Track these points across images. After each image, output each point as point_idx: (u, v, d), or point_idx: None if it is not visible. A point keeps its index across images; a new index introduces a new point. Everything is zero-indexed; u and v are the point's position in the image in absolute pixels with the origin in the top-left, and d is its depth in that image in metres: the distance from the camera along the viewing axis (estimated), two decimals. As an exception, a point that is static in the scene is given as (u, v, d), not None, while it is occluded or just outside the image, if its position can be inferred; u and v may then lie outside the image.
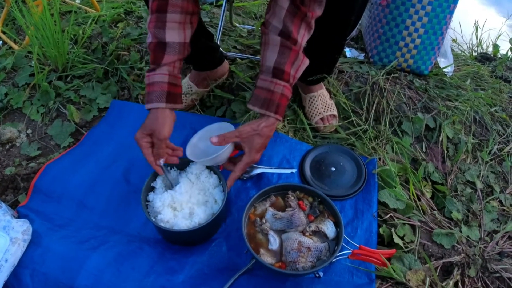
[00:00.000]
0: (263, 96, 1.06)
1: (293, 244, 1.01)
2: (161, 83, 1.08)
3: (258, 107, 1.07)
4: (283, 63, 1.03)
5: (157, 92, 1.08)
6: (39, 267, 1.07)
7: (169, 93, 1.09)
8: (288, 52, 1.03)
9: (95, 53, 1.85)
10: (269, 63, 1.04)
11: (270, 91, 1.05)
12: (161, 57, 1.08)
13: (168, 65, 1.09)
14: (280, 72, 1.04)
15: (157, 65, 1.09)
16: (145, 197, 1.17)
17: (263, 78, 1.06)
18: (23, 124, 1.62)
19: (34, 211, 1.24)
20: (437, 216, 1.35)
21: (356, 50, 1.97)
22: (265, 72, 1.06)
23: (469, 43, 2.80)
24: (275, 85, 1.05)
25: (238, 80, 1.64)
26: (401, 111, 1.62)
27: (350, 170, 1.38)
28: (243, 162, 1.09)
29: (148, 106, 1.10)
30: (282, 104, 1.07)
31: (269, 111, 1.06)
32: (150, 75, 1.10)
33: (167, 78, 1.09)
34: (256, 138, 1.07)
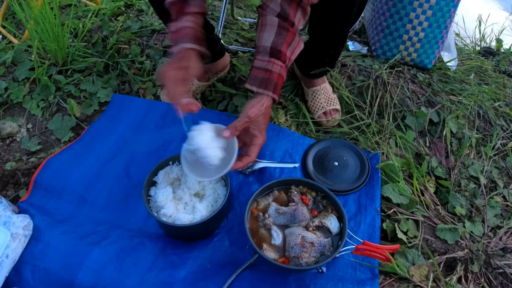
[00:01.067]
0: (260, 76, 1.04)
1: (296, 239, 1.01)
2: (187, 27, 1.04)
3: (256, 86, 1.05)
4: (280, 43, 1.03)
5: (183, 34, 1.03)
6: (40, 262, 1.07)
7: (196, 36, 1.05)
8: (285, 33, 1.03)
9: (95, 47, 1.83)
10: (266, 43, 1.03)
11: (268, 70, 1.04)
12: (184, 7, 1.05)
13: (191, 15, 1.06)
14: (277, 52, 1.03)
15: (181, 14, 1.05)
16: (146, 192, 1.16)
17: (260, 58, 1.05)
18: (23, 118, 1.60)
19: (34, 206, 1.23)
20: (441, 211, 1.34)
21: (359, 43, 1.95)
22: (262, 52, 1.05)
23: (472, 37, 2.77)
24: (273, 64, 1.04)
25: (239, 73, 1.63)
26: (405, 105, 1.60)
27: (353, 164, 1.37)
28: (256, 145, 1.05)
29: (174, 48, 1.03)
30: (279, 84, 1.06)
31: (267, 90, 1.04)
32: (173, 24, 1.05)
33: (192, 24, 1.05)
34: (262, 118, 1.05)
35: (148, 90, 1.65)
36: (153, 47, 1.78)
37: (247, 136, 1.06)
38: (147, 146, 1.40)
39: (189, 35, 1.04)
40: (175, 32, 1.06)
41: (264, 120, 1.06)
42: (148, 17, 1.94)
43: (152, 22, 1.90)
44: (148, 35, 1.84)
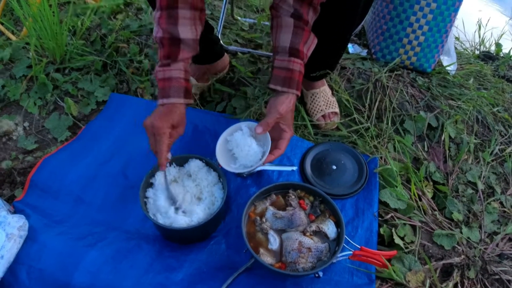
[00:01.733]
0: (283, 76, 1.10)
1: (294, 244, 1.00)
2: (178, 78, 1.08)
3: (280, 86, 1.11)
4: (297, 43, 1.08)
5: (175, 87, 1.07)
6: (35, 263, 1.06)
7: (186, 90, 1.10)
8: (301, 33, 1.08)
9: (94, 45, 1.81)
10: (284, 43, 1.08)
11: (289, 69, 1.10)
12: (177, 52, 1.07)
13: (183, 61, 1.09)
14: (296, 51, 1.09)
15: (173, 60, 1.07)
16: (143, 194, 1.15)
17: (280, 59, 1.10)
18: (20, 116, 1.59)
19: (30, 206, 1.22)
20: (438, 216, 1.34)
21: (358, 46, 1.94)
22: (281, 52, 1.10)
23: (471, 41, 2.77)
24: (293, 63, 1.09)
25: (239, 74, 1.62)
26: (404, 110, 1.60)
27: (351, 168, 1.37)
28: (286, 139, 1.14)
29: (165, 101, 1.07)
30: (300, 81, 1.13)
31: (291, 89, 1.11)
32: (166, 70, 1.08)
33: (183, 74, 1.09)
34: (290, 114, 1.14)
35: (146, 90, 1.64)
36: (152, 47, 1.77)
37: (275, 132, 1.14)
38: (144, 147, 1.37)
39: (181, 89, 1.08)
40: (165, 80, 1.08)
41: (291, 115, 1.15)
42: (147, 16, 1.93)
43: (151, 21, 1.88)
44: (147, 34, 1.83)
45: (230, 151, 1.20)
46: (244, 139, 1.16)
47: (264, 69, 1.67)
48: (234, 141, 1.18)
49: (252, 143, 1.16)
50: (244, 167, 1.16)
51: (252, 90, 1.55)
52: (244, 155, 1.15)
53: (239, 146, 1.16)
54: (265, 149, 1.14)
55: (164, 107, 1.07)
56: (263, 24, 1.94)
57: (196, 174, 1.20)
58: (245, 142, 1.15)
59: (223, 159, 1.17)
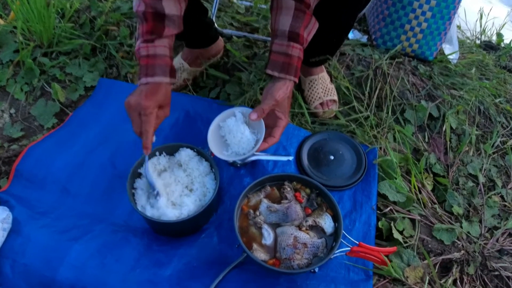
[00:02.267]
0: (281, 61, 1.05)
1: (288, 239, 0.95)
2: (163, 56, 1.01)
3: (277, 72, 1.06)
4: (297, 27, 1.02)
5: (161, 65, 1.00)
6: (19, 258, 1.02)
7: (172, 68, 1.03)
8: (302, 16, 1.02)
9: (83, 28, 1.74)
10: (284, 27, 1.02)
11: (288, 55, 1.04)
12: (161, 29, 1.00)
13: (168, 38, 1.02)
14: (295, 35, 1.03)
15: (157, 36, 1.00)
16: (131, 184, 1.09)
17: (279, 43, 1.04)
18: (7, 103, 1.52)
19: (15, 197, 1.17)
20: (438, 210, 1.30)
21: (358, 32, 1.88)
22: (280, 36, 1.04)
23: (473, 30, 2.72)
24: (292, 48, 1.04)
25: (233, 59, 1.56)
26: (405, 98, 1.54)
27: (350, 159, 1.32)
28: (281, 127, 1.10)
29: (149, 79, 1.00)
30: (298, 67, 1.08)
31: (289, 75, 1.06)
32: (150, 46, 1.00)
33: (169, 52, 1.03)
34: (286, 101, 1.10)
35: (137, 75, 1.56)
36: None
37: (270, 119, 1.10)
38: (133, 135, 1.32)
39: (166, 67, 1.01)
40: (149, 58, 1.00)
41: (287, 103, 1.11)
42: (139, -4, 1.84)
43: (143, 3, 1.80)
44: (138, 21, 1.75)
45: (223, 138, 1.15)
46: (237, 125, 1.11)
47: (260, 54, 1.60)
48: (227, 127, 1.13)
49: (246, 130, 1.11)
50: (237, 154, 1.11)
51: (247, 76, 1.49)
52: (237, 142, 1.11)
53: (232, 132, 1.11)
54: (259, 136, 1.09)
55: (148, 86, 1.00)
56: (259, 7, 1.86)
57: (187, 164, 1.14)
58: (238, 129, 1.10)
59: (215, 146, 1.13)
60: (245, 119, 1.13)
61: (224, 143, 1.14)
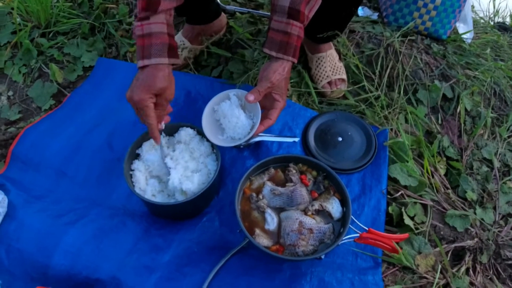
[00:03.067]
0: (279, 39, 0.98)
1: (293, 224, 0.90)
2: (160, 34, 0.92)
3: (275, 51, 0.99)
4: (298, 2, 0.94)
5: (157, 45, 0.92)
6: (14, 242, 0.99)
7: (170, 46, 0.94)
8: None
9: (81, 7, 1.69)
10: (284, 2, 0.95)
11: (286, 33, 0.97)
12: (156, 3, 0.91)
13: (165, 13, 0.94)
14: (295, 12, 0.95)
15: (152, 11, 0.92)
16: (128, 166, 1.05)
17: (277, 20, 0.97)
18: (4, 85, 1.49)
19: (11, 180, 1.14)
20: (451, 195, 1.24)
21: (368, 8, 1.78)
22: (279, 12, 0.96)
23: (486, 11, 2.62)
24: (292, 26, 0.97)
25: (236, 36, 1.48)
26: (417, 78, 1.46)
27: (359, 141, 1.26)
28: (277, 109, 1.06)
29: (146, 62, 0.92)
30: (298, 47, 1.01)
31: (287, 55, 0.99)
32: (144, 25, 0.92)
33: (166, 28, 0.94)
34: (283, 82, 1.04)
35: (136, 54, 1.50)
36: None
37: (267, 100, 1.06)
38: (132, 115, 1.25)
39: (164, 46, 0.92)
40: (144, 37, 0.92)
41: (285, 84, 1.05)
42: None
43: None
44: None
45: (217, 122, 1.10)
46: (231, 109, 1.06)
47: (265, 31, 1.53)
48: (221, 111, 1.08)
49: (241, 114, 1.06)
50: (232, 139, 1.06)
51: (251, 53, 1.42)
52: (232, 126, 1.06)
53: (227, 117, 1.07)
54: (255, 120, 1.05)
55: (144, 72, 0.93)
56: (265, -18, 1.77)
57: (187, 144, 1.09)
58: (233, 113, 1.06)
59: (209, 131, 1.07)
60: (240, 102, 1.09)
61: (219, 127, 1.10)
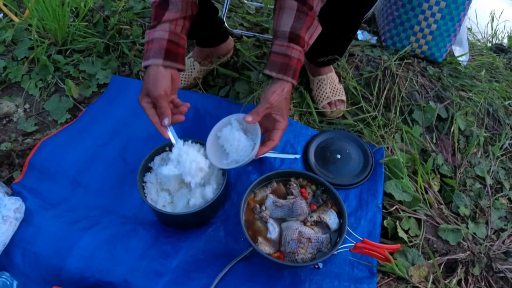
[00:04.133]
0: (280, 61, 1.03)
1: (293, 234, 0.97)
2: (160, 39, 1.02)
3: (275, 72, 1.04)
4: (299, 28, 1.01)
5: (155, 49, 1.02)
6: (30, 246, 1.04)
7: (168, 51, 1.02)
8: (304, 18, 1.01)
9: (96, 27, 1.78)
10: (285, 28, 1.01)
11: (287, 56, 1.03)
12: (162, 14, 1.02)
13: (169, 22, 1.03)
14: (296, 37, 1.02)
15: (157, 21, 1.02)
16: (141, 178, 1.12)
17: (279, 43, 1.03)
18: (21, 98, 1.57)
19: (27, 188, 1.20)
20: (444, 210, 1.30)
21: (368, 33, 1.88)
22: (281, 37, 1.03)
23: (484, 33, 2.70)
24: (292, 49, 1.03)
25: (243, 58, 1.58)
26: (413, 99, 1.55)
27: (357, 158, 1.33)
28: (280, 130, 1.07)
29: (144, 63, 1.03)
30: (298, 69, 1.06)
31: (287, 76, 1.04)
32: (150, 32, 1.03)
33: (167, 35, 1.02)
34: (284, 103, 1.07)
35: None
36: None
37: (268, 122, 1.09)
38: (144, 131, 1.36)
39: (160, 49, 1.01)
40: (147, 43, 1.03)
41: (285, 104, 1.07)
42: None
43: (155, 3, 1.84)
44: (150, 16, 1.78)
45: (222, 147, 1.13)
46: (232, 133, 1.09)
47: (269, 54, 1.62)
48: (224, 136, 1.11)
49: (241, 136, 1.08)
50: (237, 162, 1.08)
51: (256, 75, 1.51)
52: (234, 150, 1.08)
53: (229, 141, 1.09)
54: (256, 140, 1.06)
55: (145, 75, 1.04)
56: (269, 8, 1.88)
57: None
58: (234, 137, 1.08)
59: (213, 156, 1.10)
60: (241, 125, 1.11)
61: (223, 152, 1.12)
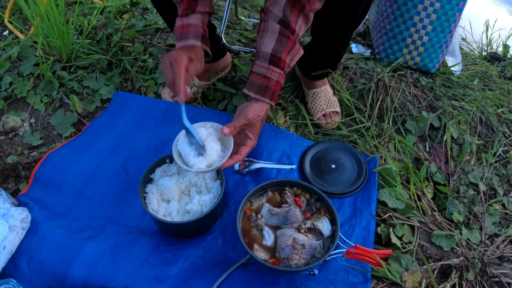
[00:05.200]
0: (259, 82, 1.08)
1: (287, 240, 1.01)
2: (196, 25, 1.10)
3: (254, 92, 1.08)
4: (280, 51, 1.05)
5: (193, 32, 1.09)
6: (35, 254, 1.08)
7: (204, 36, 1.10)
8: (286, 41, 1.05)
9: (100, 44, 1.85)
10: (266, 49, 1.06)
11: (266, 77, 1.07)
12: (195, 5, 1.10)
13: (201, 14, 1.11)
14: (277, 59, 1.06)
15: (191, 10, 1.10)
16: (143, 189, 1.17)
17: (259, 64, 1.08)
18: (27, 113, 1.63)
19: (33, 200, 1.25)
20: (438, 217, 1.33)
21: (362, 46, 1.94)
22: (262, 58, 1.07)
23: (479, 42, 2.75)
24: (272, 71, 1.07)
25: (240, 73, 1.63)
26: (406, 109, 1.59)
27: (351, 167, 1.37)
28: (248, 147, 1.10)
29: (183, 43, 1.09)
30: (276, 91, 1.10)
31: (264, 97, 1.08)
32: (184, 18, 1.10)
33: (201, 23, 1.11)
34: (259, 123, 1.10)
35: (150, 88, 1.66)
36: (156, 46, 1.79)
37: (239, 137, 1.11)
38: (146, 143, 1.41)
39: (197, 33, 1.09)
40: (182, 27, 1.09)
41: (260, 125, 1.12)
42: (152, 16, 1.95)
43: (156, 21, 1.91)
44: (151, 34, 1.86)
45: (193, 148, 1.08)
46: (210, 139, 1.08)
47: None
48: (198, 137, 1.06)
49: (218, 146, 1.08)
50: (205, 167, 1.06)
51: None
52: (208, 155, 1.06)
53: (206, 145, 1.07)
54: (226, 153, 1.07)
55: (182, 49, 1.09)
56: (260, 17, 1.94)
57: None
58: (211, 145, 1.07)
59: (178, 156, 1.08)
60: (216, 133, 1.11)
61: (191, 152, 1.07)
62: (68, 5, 2.10)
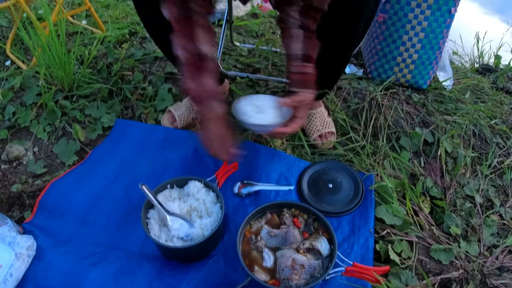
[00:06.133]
0: (300, 79, 1.23)
1: (287, 261, 1.03)
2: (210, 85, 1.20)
3: (298, 88, 1.24)
4: (308, 50, 1.21)
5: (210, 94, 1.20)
6: (42, 281, 1.10)
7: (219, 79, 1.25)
8: (309, 41, 1.20)
9: (100, 73, 1.89)
10: (297, 51, 1.21)
11: (304, 73, 1.23)
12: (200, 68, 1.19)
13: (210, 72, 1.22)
14: (307, 57, 1.22)
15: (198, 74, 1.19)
16: (145, 214, 1.20)
17: (296, 64, 1.23)
18: (30, 142, 1.66)
19: (38, 227, 1.27)
20: (435, 231, 1.35)
21: (355, 66, 1.99)
22: (295, 59, 1.22)
23: (470, 54, 2.81)
24: (306, 67, 1.22)
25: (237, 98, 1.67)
26: (399, 126, 1.63)
27: (347, 186, 1.40)
28: (297, 123, 1.23)
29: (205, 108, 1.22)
30: (313, 81, 1.25)
31: (308, 89, 1.24)
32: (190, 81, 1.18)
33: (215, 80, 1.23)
34: (308, 106, 1.27)
35: (150, 115, 1.71)
36: (155, 74, 1.85)
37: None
38: (147, 170, 1.44)
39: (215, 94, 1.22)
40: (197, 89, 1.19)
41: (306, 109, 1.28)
42: (151, 45, 2.02)
43: (154, 49, 1.97)
44: (150, 62, 1.91)
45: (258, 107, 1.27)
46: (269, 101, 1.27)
47: (262, 93, 1.72)
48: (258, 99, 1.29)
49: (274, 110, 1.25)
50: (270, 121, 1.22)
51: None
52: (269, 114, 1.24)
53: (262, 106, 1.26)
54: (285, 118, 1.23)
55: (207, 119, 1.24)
56: (261, 49, 2.01)
57: (195, 195, 1.24)
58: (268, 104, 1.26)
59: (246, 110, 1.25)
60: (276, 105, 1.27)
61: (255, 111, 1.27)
62: (69, 36, 2.17)
